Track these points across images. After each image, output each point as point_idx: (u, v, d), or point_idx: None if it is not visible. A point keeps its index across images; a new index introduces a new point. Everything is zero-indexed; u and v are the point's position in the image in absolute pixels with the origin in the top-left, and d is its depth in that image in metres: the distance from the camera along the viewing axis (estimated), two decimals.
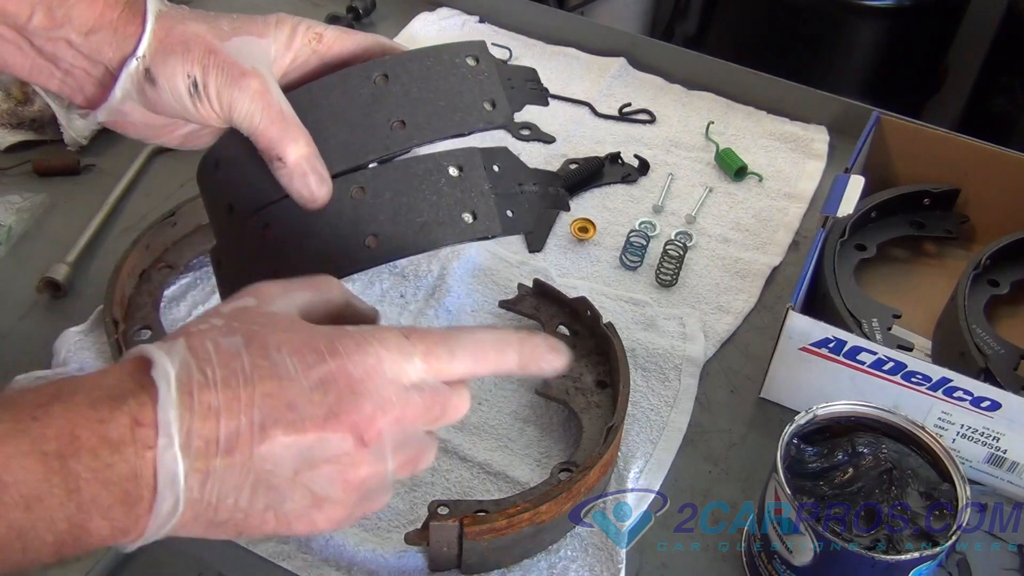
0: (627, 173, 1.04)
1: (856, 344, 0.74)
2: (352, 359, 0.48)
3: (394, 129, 0.61)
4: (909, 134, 0.97)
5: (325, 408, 0.47)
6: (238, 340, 0.47)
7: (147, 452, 0.44)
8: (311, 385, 0.47)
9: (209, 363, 0.46)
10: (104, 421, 0.43)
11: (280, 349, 0.47)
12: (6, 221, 0.92)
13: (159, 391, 0.44)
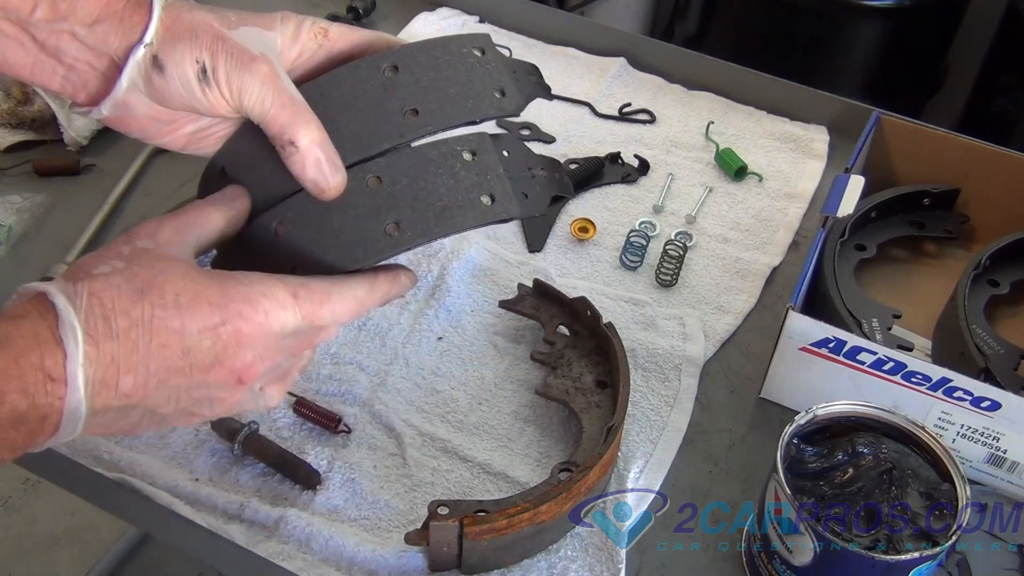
0: (627, 173, 1.04)
1: (856, 344, 0.74)
2: (243, 315, 0.53)
3: (407, 117, 0.61)
4: (909, 134, 0.97)
5: (212, 355, 0.52)
6: (136, 286, 0.51)
7: (56, 402, 0.49)
8: (203, 336, 0.52)
9: (112, 312, 0.50)
10: (23, 377, 0.48)
11: (177, 300, 0.51)
12: (6, 221, 0.92)
13: (67, 348, 0.48)
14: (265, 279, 0.55)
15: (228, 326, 0.52)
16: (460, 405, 0.80)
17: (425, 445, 0.77)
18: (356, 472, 0.74)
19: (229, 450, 0.74)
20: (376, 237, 0.58)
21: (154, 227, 0.55)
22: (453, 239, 0.92)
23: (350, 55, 0.64)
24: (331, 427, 0.77)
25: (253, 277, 0.55)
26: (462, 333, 0.86)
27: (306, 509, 0.72)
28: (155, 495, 0.71)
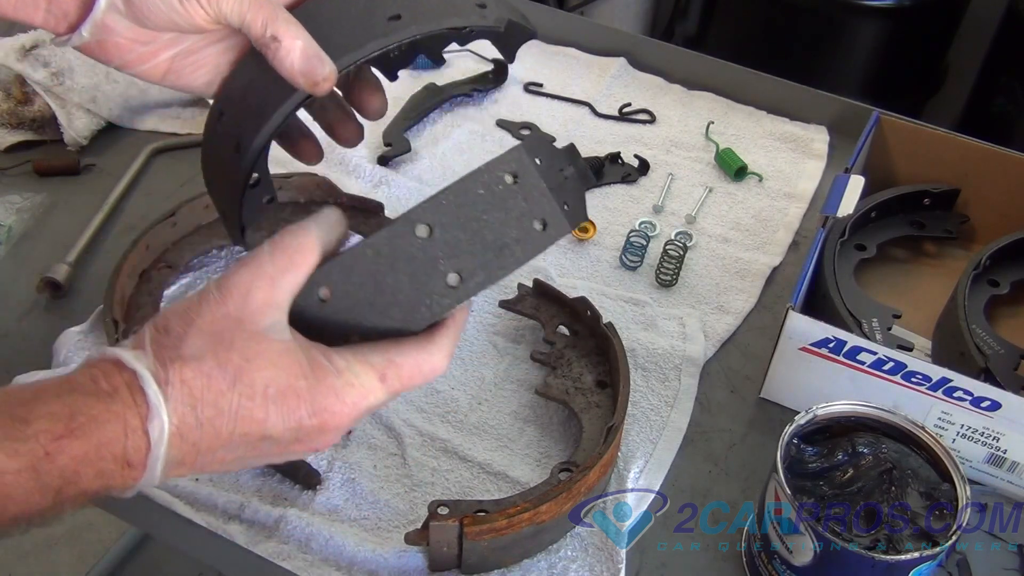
0: (627, 173, 1.04)
1: (856, 344, 0.74)
2: (329, 409, 0.52)
3: (390, 22, 0.61)
4: (909, 134, 0.97)
5: (293, 439, 0.52)
6: (228, 375, 0.50)
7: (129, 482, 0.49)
8: (287, 428, 0.52)
9: (200, 402, 0.49)
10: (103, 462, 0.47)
11: (266, 392, 0.51)
12: (6, 221, 0.92)
13: (151, 442, 0.48)
14: (354, 364, 0.53)
15: (314, 420, 0.52)
16: (460, 405, 0.80)
17: (425, 445, 0.77)
18: (356, 472, 0.74)
19: None
20: (439, 291, 0.56)
21: (247, 282, 0.52)
22: None
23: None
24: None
25: (341, 363, 0.53)
26: (462, 333, 0.86)
27: (306, 509, 0.72)
28: (155, 495, 0.71)
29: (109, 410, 0.48)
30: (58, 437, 0.46)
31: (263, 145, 0.65)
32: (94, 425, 0.47)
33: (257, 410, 0.50)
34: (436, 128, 1.10)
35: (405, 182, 1.01)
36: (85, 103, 1.02)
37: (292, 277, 0.53)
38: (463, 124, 1.10)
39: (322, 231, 0.55)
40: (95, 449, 0.47)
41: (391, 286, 0.55)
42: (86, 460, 0.47)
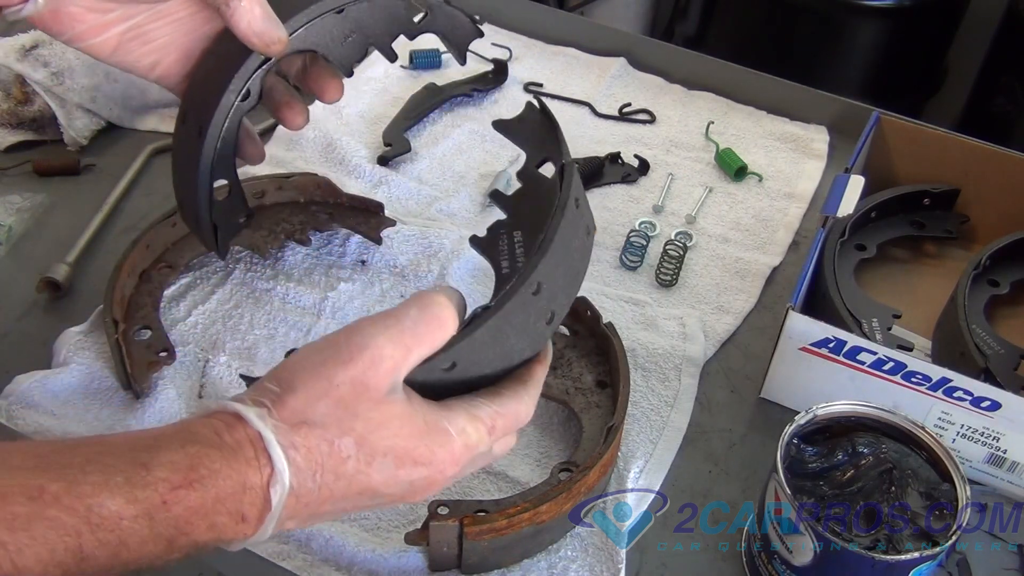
0: (627, 173, 1.04)
1: (856, 344, 0.74)
2: (443, 470, 0.54)
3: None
4: (909, 134, 0.97)
5: (402, 494, 0.54)
6: (350, 444, 0.51)
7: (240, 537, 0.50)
8: (400, 487, 0.53)
9: (321, 468, 0.50)
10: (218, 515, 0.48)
11: (386, 458, 0.52)
12: (6, 221, 0.92)
13: (272, 503, 0.49)
14: (467, 424, 0.55)
15: (427, 480, 0.54)
16: None
17: None
18: None
19: None
20: (539, 332, 0.58)
21: (380, 347, 0.52)
22: (453, 239, 0.92)
23: None
24: None
25: (458, 424, 0.54)
26: None
27: None
28: None
29: (230, 466, 0.48)
30: (176, 487, 0.46)
31: (223, 121, 0.66)
32: (213, 479, 0.47)
33: (375, 475, 0.52)
34: (436, 128, 1.10)
35: (405, 182, 1.01)
36: (85, 103, 1.02)
37: (426, 350, 0.54)
38: (463, 124, 1.10)
39: (456, 306, 0.56)
40: (212, 503, 0.47)
41: (505, 343, 0.57)
42: (202, 512, 0.47)
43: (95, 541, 0.44)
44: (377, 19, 0.73)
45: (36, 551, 0.43)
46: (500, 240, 0.63)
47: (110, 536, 0.45)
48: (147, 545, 0.46)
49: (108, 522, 0.45)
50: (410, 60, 1.18)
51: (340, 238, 0.94)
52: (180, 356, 0.80)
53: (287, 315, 0.86)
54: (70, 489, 0.44)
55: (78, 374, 0.78)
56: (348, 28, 0.71)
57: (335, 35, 0.71)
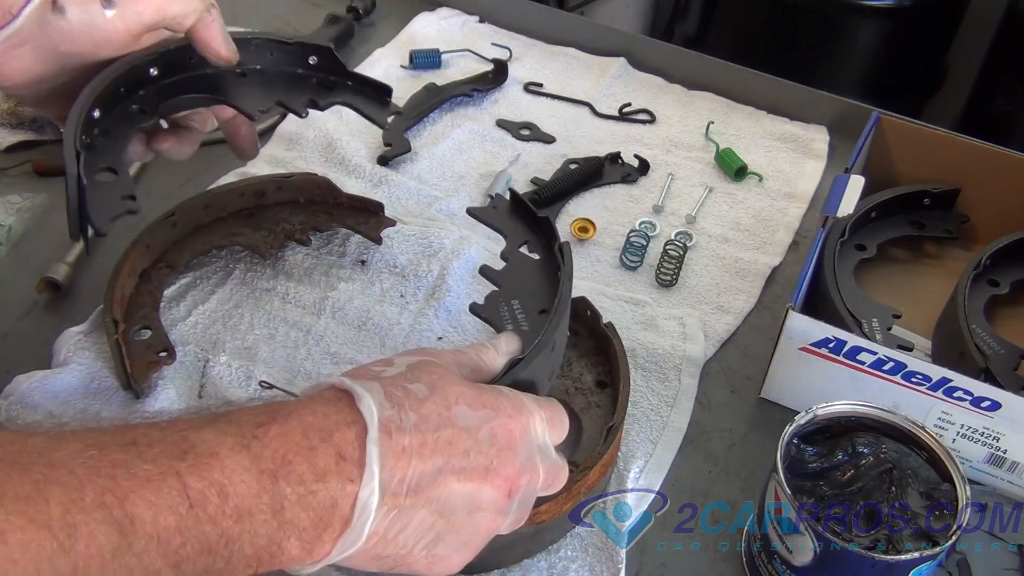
0: (627, 173, 1.04)
1: (856, 344, 0.74)
2: (513, 419, 0.54)
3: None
4: (909, 134, 0.97)
5: (488, 459, 0.52)
6: (423, 388, 0.52)
7: (348, 485, 0.47)
8: (482, 436, 0.52)
9: (403, 407, 0.50)
10: (313, 449, 0.46)
11: (459, 401, 0.52)
12: (6, 221, 0.92)
13: (368, 428, 0.48)
14: (522, 394, 0.57)
15: (500, 423, 0.54)
16: None
17: None
18: None
19: None
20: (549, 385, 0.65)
21: (435, 350, 0.57)
22: (453, 239, 0.93)
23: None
24: None
25: (516, 392, 0.57)
26: (462, 333, 0.86)
27: None
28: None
29: (310, 404, 0.48)
30: (260, 424, 0.46)
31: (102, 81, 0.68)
32: (296, 413, 0.47)
33: (457, 419, 0.52)
34: (436, 128, 1.10)
35: (405, 182, 1.01)
36: None
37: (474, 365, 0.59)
38: (463, 124, 1.10)
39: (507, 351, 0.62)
40: (300, 431, 0.46)
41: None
42: (292, 442, 0.46)
43: (199, 480, 0.43)
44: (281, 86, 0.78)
45: (143, 495, 0.42)
46: (500, 307, 0.70)
47: (213, 473, 0.44)
48: (252, 482, 0.44)
49: (206, 457, 0.44)
50: (410, 60, 1.18)
51: (340, 238, 0.94)
52: (180, 356, 0.80)
53: (287, 315, 0.86)
54: (161, 436, 0.44)
55: (78, 374, 0.78)
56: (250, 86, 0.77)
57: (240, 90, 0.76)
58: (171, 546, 0.43)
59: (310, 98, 0.78)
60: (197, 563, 0.44)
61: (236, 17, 1.20)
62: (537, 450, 0.56)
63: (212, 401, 0.78)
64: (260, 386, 0.79)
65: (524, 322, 0.69)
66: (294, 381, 0.80)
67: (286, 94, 0.77)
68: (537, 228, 0.75)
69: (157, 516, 0.42)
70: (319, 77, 0.80)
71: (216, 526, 0.44)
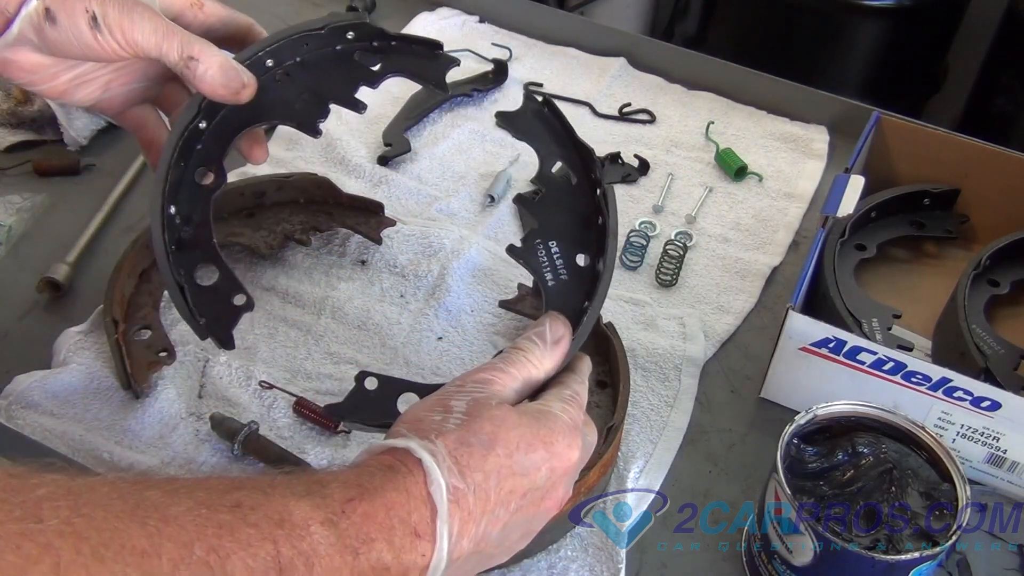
0: (627, 173, 1.04)
1: (856, 344, 0.74)
2: (563, 454, 0.56)
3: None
4: (909, 134, 0.97)
5: (544, 491, 0.56)
6: (484, 439, 0.53)
7: (420, 559, 0.50)
8: (540, 477, 0.55)
9: (468, 468, 0.52)
10: (393, 529, 0.49)
11: (519, 447, 0.54)
12: (6, 221, 0.92)
13: (438, 508, 0.50)
14: (555, 400, 0.59)
15: (557, 463, 0.56)
16: None
17: None
18: None
19: (229, 450, 0.74)
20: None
21: (487, 377, 0.58)
22: (453, 239, 0.92)
23: (222, 30, 0.70)
24: (331, 427, 0.77)
25: (550, 402, 0.59)
26: (462, 333, 0.86)
27: None
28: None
29: (391, 479, 0.50)
30: (350, 499, 0.48)
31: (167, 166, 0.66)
32: (380, 490, 0.50)
33: (516, 466, 0.54)
34: (436, 128, 1.10)
35: (405, 182, 1.01)
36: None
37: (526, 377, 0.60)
38: (463, 124, 1.10)
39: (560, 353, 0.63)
40: (383, 512, 0.49)
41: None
42: (376, 521, 0.48)
43: (291, 549, 0.45)
44: (326, 76, 0.73)
45: (242, 558, 0.44)
46: (538, 250, 0.67)
47: (303, 544, 0.46)
48: (336, 556, 0.47)
49: (299, 528, 0.46)
50: None
51: (340, 238, 0.94)
52: (180, 356, 0.80)
53: (287, 315, 0.86)
54: (264, 501, 0.46)
55: (78, 374, 0.78)
56: (297, 90, 0.72)
57: (287, 98, 0.72)
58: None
59: (362, 79, 0.73)
60: None
61: None
62: (578, 468, 0.59)
63: (213, 400, 0.78)
64: (260, 386, 0.79)
65: (562, 269, 0.66)
66: (294, 380, 0.80)
67: (336, 82, 0.73)
68: (572, 147, 0.70)
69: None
70: (362, 47, 0.74)
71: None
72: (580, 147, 0.69)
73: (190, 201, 0.68)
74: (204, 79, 0.65)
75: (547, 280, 0.66)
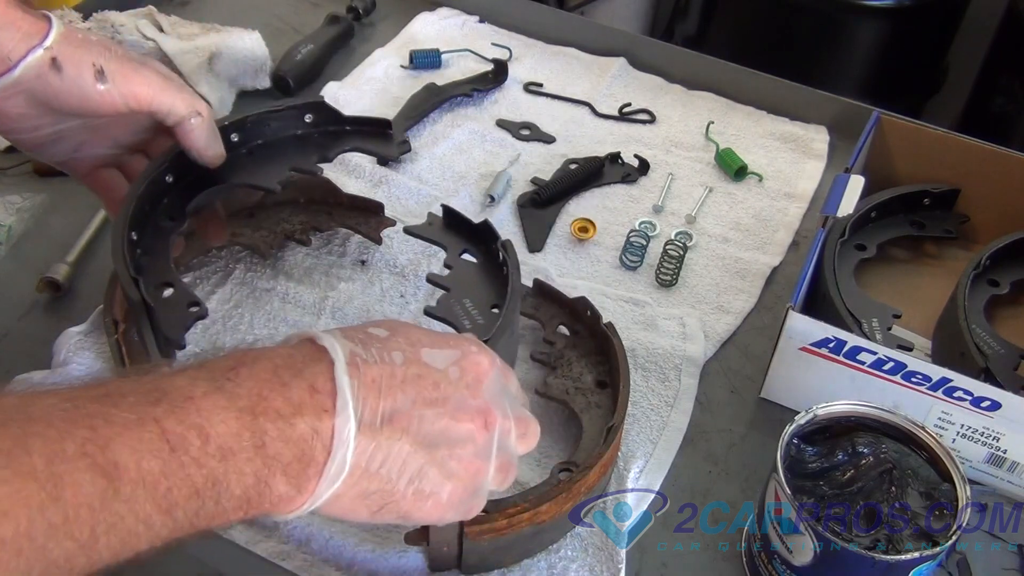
0: (627, 173, 1.04)
1: (856, 344, 0.74)
2: (479, 355, 0.56)
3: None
4: (909, 134, 0.97)
5: (459, 392, 0.54)
6: (383, 331, 0.54)
7: (323, 415, 0.48)
8: (451, 372, 0.54)
9: (366, 345, 0.51)
10: (286, 385, 0.47)
11: (420, 340, 0.54)
12: (6, 221, 0.92)
13: (334, 362, 0.49)
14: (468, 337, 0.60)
15: (467, 360, 0.55)
16: None
17: None
18: None
19: None
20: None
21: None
22: None
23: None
24: None
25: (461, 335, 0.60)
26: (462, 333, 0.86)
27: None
28: None
29: (278, 347, 0.50)
30: (231, 367, 0.47)
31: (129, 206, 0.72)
32: (263, 355, 0.49)
33: (419, 353, 0.53)
34: (436, 128, 1.10)
35: (405, 182, 1.01)
36: None
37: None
38: (463, 124, 1.10)
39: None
40: (270, 371, 0.47)
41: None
42: (264, 380, 0.47)
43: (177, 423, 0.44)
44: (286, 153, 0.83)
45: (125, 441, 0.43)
46: (454, 307, 0.76)
47: (190, 416, 0.44)
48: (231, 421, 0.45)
49: (181, 401, 0.45)
50: (410, 60, 1.18)
51: (340, 238, 0.94)
52: (180, 356, 0.80)
53: (287, 315, 0.86)
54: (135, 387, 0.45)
55: (78, 374, 0.78)
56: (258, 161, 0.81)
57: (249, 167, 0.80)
58: (158, 491, 0.43)
59: (319, 155, 0.83)
60: (187, 508, 0.44)
61: (236, 17, 1.20)
62: (504, 393, 0.57)
63: None
64: None
65: (479, 317, 0.75)
66: None
67: (295, 157, 0.82)
68: (473, 235, 0.81)
69: (140, 461, 0.43)
70: (320, 131, 0.84)
71: (200, 468, 0.44)
72: (483, 231, 0.80)
73: (153, 238, 0.75)
74: (196, 136, 0.72)
75: (465, 327, 0.75)
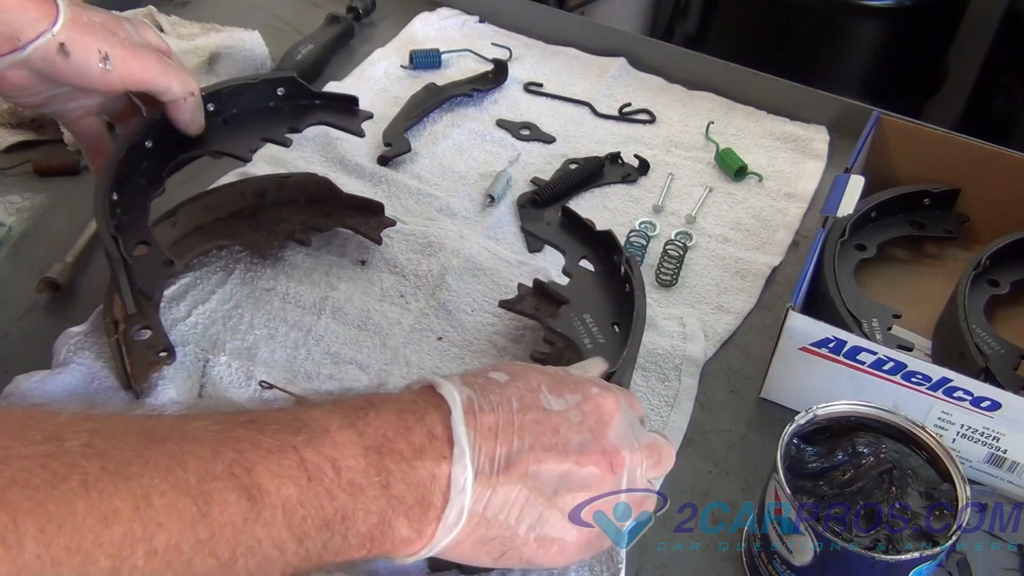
0: (627, 173, 1.05)
1: (856, 344, 0.74)
2: (602, 396, 0.56)
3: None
4: (909, 134, 0.97)
5: (583, 435, 0.54)
6: (503, 376, 0.54)
7: (442, 461, 0.50)
8: (572, 416, 0.54)
9: (484, 391, 0.52)
10: (409, 429, 0.49)
11: (540, 385, 0.54)
12: (6, 221, 0.92)
13: (451, 409, 0.51)
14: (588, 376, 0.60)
15: (589, 403, 0.55)
16: None
17: None
18: None
19: None
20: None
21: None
22: (453, 239, 0.92)
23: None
24: None
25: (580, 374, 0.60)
26: (462, 333, 0.86)
27: None
28: None
29: (402, 394, 0.52)
30: (361, 408, 0.50)
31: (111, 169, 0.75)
32: (389, 400, 0.51)
33: (538, 398, 0.54)
34: (436, 128, 1.10)
35: (405, 181, 1.01)
36: None
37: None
38: (463, 124, 1.10)
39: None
40: (395, 414, 0.49)
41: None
42: (389, 422, 0.49)
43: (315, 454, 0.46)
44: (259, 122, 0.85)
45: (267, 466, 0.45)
46: (574, 322, 0.75)
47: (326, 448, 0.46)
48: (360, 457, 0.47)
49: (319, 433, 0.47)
50: (410, 60, 1.18)
51: (340, 238, 0.94)
52: (180, 356, 0.80)
53: (287, 315, 0.86)
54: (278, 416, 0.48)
55: (78, 374, 0.78)
56: (232, 129, 0.84)
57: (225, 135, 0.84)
58: (295, 518, 0.45)
59: (289, 126, 0.85)
60: (317, 538, 0.46)
61: (237, 17, 1.20)
62: (631, 430, 0.57)
63: (213, 401, 0.78)
64: (260, 386, 0.79)
65: (599, 335, 0.73)
66: (294, 381, 0.80)
67: (267, 128, 0.84)
68: (594, 241, 0.81)
69: (280, 487, 0.45)
70: (291, 105, 0.87)
71: (332, 500, 0.46)
72: (605, 239, 0.79)
73: (131, 198, 0.77)
74: (185, 109, 0.77)
75: (586, 345, 0.73)
